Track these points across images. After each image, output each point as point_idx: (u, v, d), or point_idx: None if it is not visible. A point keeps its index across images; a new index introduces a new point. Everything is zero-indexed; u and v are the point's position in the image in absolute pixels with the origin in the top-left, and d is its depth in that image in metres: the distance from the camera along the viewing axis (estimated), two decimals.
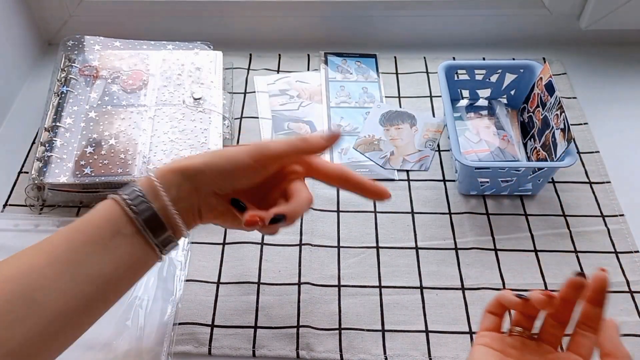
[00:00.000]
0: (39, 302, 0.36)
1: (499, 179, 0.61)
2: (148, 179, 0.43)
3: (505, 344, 0.41)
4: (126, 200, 0.41)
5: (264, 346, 0.52)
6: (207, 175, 0.43)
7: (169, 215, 0.42)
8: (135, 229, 0.41)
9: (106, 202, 0.42)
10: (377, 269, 0.58)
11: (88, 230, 0.40)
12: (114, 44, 0.73)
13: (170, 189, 0.42)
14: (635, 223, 0.62)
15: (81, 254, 0.39)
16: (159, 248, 0.42)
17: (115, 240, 0.40)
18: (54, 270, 0.38)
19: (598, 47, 0.81)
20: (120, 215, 0.41)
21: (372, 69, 0.78)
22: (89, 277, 0.39)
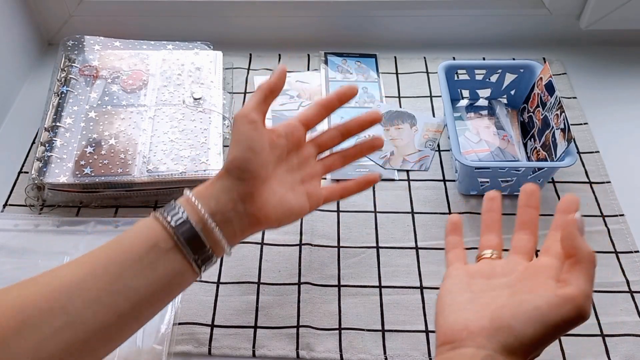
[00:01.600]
0: (75, 315, 0.36)
1: (499, 179, 0.61)
2: (186, 197, 0.43)
3: (472, 272, 0.42)
4: (164, 215, 0.41)
5: (264, 346, 0.52)
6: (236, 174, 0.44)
7: (208, 229, 0.42)
8: (172, 243, 0.41)
9: (146, 218, 0.42)
10: (377, 269, 0.58)
11: (126, 244, 0.40)
12: (114, 44, 0.73)
13: (210, 201, 0.43)
14: (635, 223, 0.62)
15: (118, 268, 0.39)
16: (196, 264, 0.42)
17: (151, 254, 0.40)
18: (92, 284, 0.38)
19: (598, 47, 0.81)
20: (158, 230, 0.41)
21: (372, 69, 0.78)
22: (124, 292, 0.39)
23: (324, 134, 0.53)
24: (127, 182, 0.60)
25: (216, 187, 0.44)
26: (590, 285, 0.35)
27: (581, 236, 0.36)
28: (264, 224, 0.46)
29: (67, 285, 0.37)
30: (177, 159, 0.62)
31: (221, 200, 0.43)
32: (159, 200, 0.63)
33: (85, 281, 0.38)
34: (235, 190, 0.43)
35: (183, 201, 0.43)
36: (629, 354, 0.52)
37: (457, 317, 0.37)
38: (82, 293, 0.37)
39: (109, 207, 0.62)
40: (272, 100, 0.48)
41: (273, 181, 0.46)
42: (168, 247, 0.40)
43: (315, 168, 0.51)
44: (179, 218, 0.41)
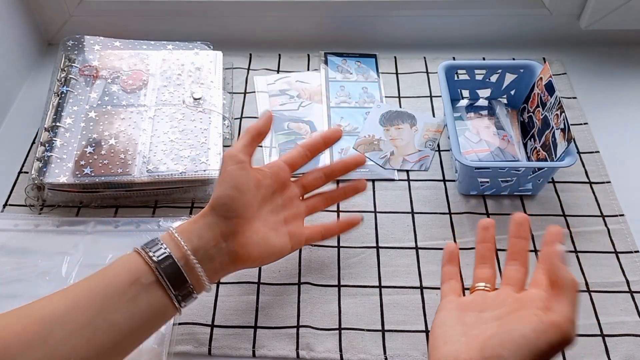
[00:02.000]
0: (55, 348, 0.37)
1: (499, 179, 0.61)
2: (169, 233, 0.44)
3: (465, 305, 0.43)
4: (146, 250, 0.42)
5: (264, 346, 0.52)
6: (220, 212, 0.45)
7: (189, 266, 0.43)
8: (154, 277, 0.41)
9: (129, 253, 0.43)
10: (377, 269, 0.58)
11: (108, 278, 0.41)
12: (114, 44, 0.73)
13: (192, 238, 0.44)
14: (635, 223, 0.62)
15: (99, 302, 0.40)
16: (177, 300, 0.42)
17: (132, 289, 0.40)
18: (74, 317, 0.38)
19: (598, 47, 0.81)
20: (140, 264, 0.42)
21: (372, 69, 0.78)
22: (104, 326, 0.39)
23: (309, 175, 0.55)
24: (127, 182, 0.60)
25: (199, 224, 0.45)
26: (573, 311, 0.36)
27: (563, 266, 0.37)
28: (246, 263, 0.47)
29: (49, 317, 0.38)
30: (177, 159, 0.62)
31: (204, 237, 0.44)
32: (159, 200, 0.63)
33: (67, 314, 0.38)
34: (219, 227, 0.45)
35: (166, 237, 0.44)
36: (629, 354, 0.52)
37: (448, 349, 0.38)
38: (64, 326, 0.38)
39: (109, 207, 0.62)
40: (260, 142, 0.51)
41: (257, 221, 0.48)
42: (149, 282, 0.41)
43: (299, 208, 0.53)
44: (162, 253, 0.42)
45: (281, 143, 0.69)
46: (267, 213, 0.50)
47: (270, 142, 0.69)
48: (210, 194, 0.62)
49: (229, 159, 0.47)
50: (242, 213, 0.46)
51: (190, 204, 0.63)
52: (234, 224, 0.45)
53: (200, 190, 0.62)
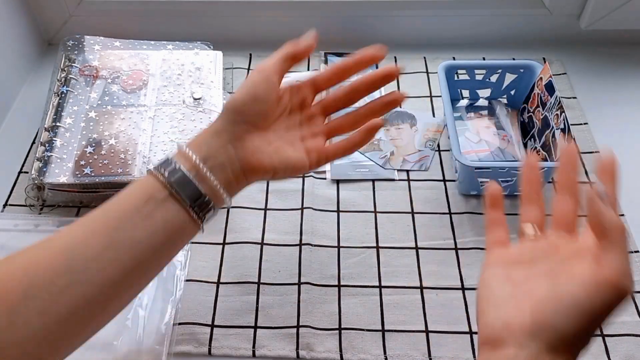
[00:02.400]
0: (79, 272, 0.37)
1: (499, 179, 0.61)
2: (180, 148, 0.43)
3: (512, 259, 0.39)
4: (158, 168, 0.41)
5: (264, 346, 0.52)
6: (230, 116, 0.44)
7: (201, 175, 0.42)
8: (167, 192, 0.40)
9: (143, 175, 0.42)
10: (377, 269, 0.58)
11: (123, 200, 0.41)
12: (114, 44, 0.73)
13: (201, 148, 0.43)
14: (635, 223, 0.62)
15: (116, 222, 0.39)
16: (195, 213, 0.41)
17: (148, 206, 0.40)
18: (93, 241, 0.38)
19: (598, 47, 0.81)
20: (153, 182, 0.41)
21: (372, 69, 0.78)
22: (125, 245, 0.39)
23: (330, 96, 0.50)
24: (127, 182, 0.60)
25: (208, 132, 0.44)
26: (624, 260, 0.32)
27: (606, 208, 0.33)
28: (258, 172, 0.45)
29: (69, 245, 0.38)
30: None
31: (212, 145, 0.43)
32: None
33: (86, 239, 0.38)
34: (225, 133, 0.43)
35: (177, 153, 0.43)
36: (629, 354, 0.52)
37: (497, 314, 0.35)
38: (84, 250, 0.38)
39: None
40: (294, 63, 0.48)
41: (270, 133, 0.46)
42: (163, 197, 0.40)
43: (319, 127, 0.49)
44: (172, 168, 0.41)
45: None
46: (284, 129, 0.47)
47: None
48: None
49: (256, 70, 0.46)
50: (254, 120, 0.44)
51: None
52: (242, 130, 0.44)
53: None
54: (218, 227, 0.61)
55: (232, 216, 0.62)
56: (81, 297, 0.36)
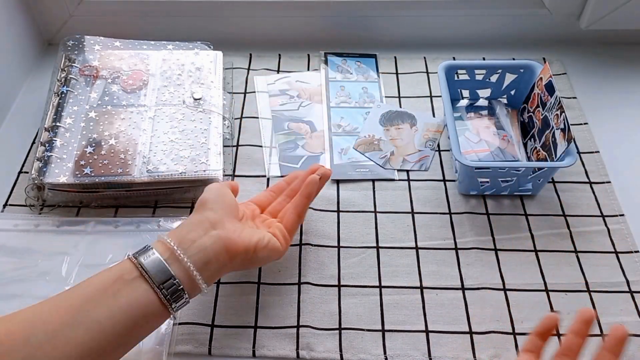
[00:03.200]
0: (36, 347, 0.37)
1: (499, 179, 0.61)
2: (159, 237, 0.45)
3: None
4: (135, 253, 0.43)
5: (264, 346, 0.52)
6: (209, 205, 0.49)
7: (175, 257, 0.43)
8: (137, 273, 0.41)
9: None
10: (377, 269, 0.58)
11: (94, 279, 0.41)
12: (114, 44, 0.73)
13: (179, 233, 0.45)
14: (635, 223, 0.62)
15: (81, 300, 0.39)
16: (164, 295, 0.42)
17: (115, 285, 0.40)
18: (54, 317, 0.38)
19: (598, 47, 0.81)
20: (127, 264, 0.42)
21: (372, 69, 0.78)
22: (86, 323, 0.38)
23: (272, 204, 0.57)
24: (127, 182, 0.60)
25: (186, 222, 0.47)
26: None
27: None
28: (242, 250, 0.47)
29: (31, 318, 0.38)
30: (177, 159, 0.62)
31: (194, 230, 0.45)
32: (159, 200, 0.63)
33: (49, 313, 0.38)
34: (207, 220, 0.47)
35: (156, 241, 0.45)
36: (629, 354, 0.52)
37: None
38: (45, 325, 0.38)
39: (109, 207, 0.62)
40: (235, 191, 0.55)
41: (240, 224, 0.50)
42: (132, 278, 0.41)
43: (272, 221, 0.54)
44: (147, 253, 0.43)
45: (281, 143, 0.69)
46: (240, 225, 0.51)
47: (271, 142, 0.69)
48: None
49: (212, 184, 0.53)
50: (225, 209, 0.49)
51: (190, 204, 0.63)
52: (221, 214, 0.48)
53: (200, 190, 0.62)
54: None
55: None
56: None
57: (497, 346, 0.52)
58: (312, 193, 0.55)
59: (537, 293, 0.56)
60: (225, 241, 0.46)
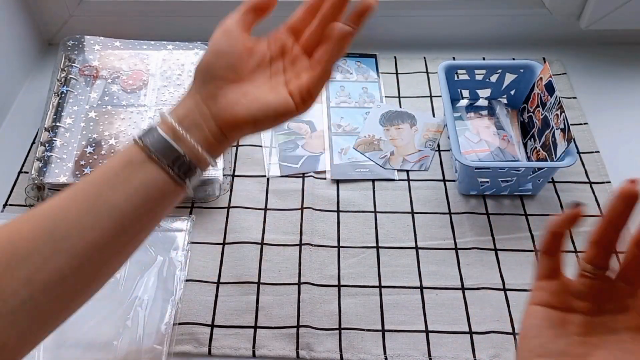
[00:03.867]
0: (61, 239, 0.37)
1: (499, 179, 0.61)
2: (161, 115, 0.43)
3: (568, 296, 0.34)
4: (140, 135, 0.41)
5: (264, 346, 0.52)
6: (199, 77, 0.44)
7: (178, 135, 0.41)
8: (145, 155, 0.40)
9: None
10: (377, 269, 0.58)
11: (104, 167, 0.41)
12: (114, 44, 0.73)
13: (178, 109, 0.43)
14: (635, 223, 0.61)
15: (95, 188, 0.39)
16: (176, 173, 0.41)
17: (126, 170, 0.40)
18: (72, 207, 0.38)
19: (598, 47, 0.81)
20: (133, 148, 0.41)
21: (372, 69, 0.78)
22: (103, 210, 0.38)
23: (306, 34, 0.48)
24: None
25: (184, 96, 0.44)
26: None
27: None
28: (238, 126, 0.44)
29: (51, 213, 0.38)
30: None
31: (187, 105, 0.43)
32: None
33: (66, 205, 0.38)
34: (199, 93, 0.43)
35: (159, 121, 0.43)
36: None
37: None
38: (65, 217, 0.37)
39: None
40: (259, 16, 0.47)
41: (247, 84, 0.45)
42: (141, 160, 0.40)
43: (303, 64, 0.47)
44: (151, 133, 0.41)
45: (281, 143, 0.69)
46: (266, 77, 0.46)
47: (270, 142, 0.69)
48: (210, 194, 0.63)
49: (217, 27, 0.45)
50: (223, 75, 0.44)
51: (190, 204, 0.63)
52: (213, 87, 0.43)
53: (201, 190, 0.62)
54: (218, 227, 0.61)
55: (232, 216, 0.62)
56: (66, 265, 0.36)
57: (497, 346, 0.52)
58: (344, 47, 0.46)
59: None
60: (217, 119, 0.43)
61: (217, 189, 0.63)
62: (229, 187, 0.64)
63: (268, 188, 0.65)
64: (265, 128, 0.45)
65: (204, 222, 0.61)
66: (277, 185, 0.65)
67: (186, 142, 0.42)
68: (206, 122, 0.43)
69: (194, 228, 0.60)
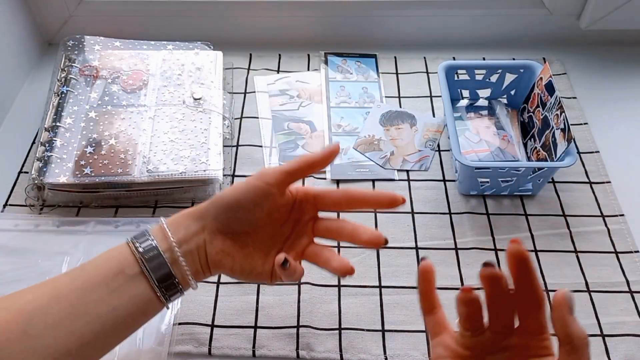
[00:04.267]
0: (35, 338, 0.36)
1: (499, 179, 0.61)
2: (159, 224, 0.43)
3: (459, 348, 0.38)
4: (134, 241, 0.41)
5: (264, 346, 0.52)
6: (213, 210, 0.43)
7: (174, 259, 0.42)
8: (139, 269, 0.41)
9: (119, 244, 0.42)
10: (377, 269, 0.58)
11: (93, 269, 0.41)
12: (114, 44, 0.73)
13: (179, 229, 0.43)
14: (635, 223, 0.62)
15: (81, 292, 0.39)
16: (162, 292, 0.41)
17: (117, 279, 0.40)
18: (55, 310, 0.38)
19: (598, 47, 0.81)
20: (126, 255, 0.41)
21: (372, 69, 0.78)
22: (86, 319, 0.38)
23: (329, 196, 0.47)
24: (127, 182, 0.60)
25: (190, 215, 0.44)
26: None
27: (573, 318, 0.32)
28: (219, 270, 0.45)
29: (29, 309, 0.37)
30: (177, 159, 0.62)
31: (190, 229, 0.43)
32: (159, 200, 0.63)
33: (48, 305, 0.38)
34: (204, 223, 0.44)
35: (156, 228, 0.43)
36: (629, 354, 0.52)
37: None
38: (45, 317, 0.37)
39: (109, 207, 0.62)
40: (311, 172, 0.46)
41: (247, 237, 0.45)
42: (134, 274, 0.40)
43: (301, 247, 0.47)
44: (148, 245, 0.41)
45: (281, 143, 0.69)
46: (268, 236, 0.46)
47: (271, 142, 0.69)
48: (210, 194, 0.63)
49: (255, 176, 0.44)
50: (238, 229, 0.44)
51: (190, 204, 0.63)
52: (218, 228, 0.44)
53: (200, 190, 0.62)
54: None
55: None
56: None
57: None
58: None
59: None
60: (210, 258, 0.44)
61: (217, 189, 0.63)
62: None
63: None
64: (238, 279, 0.46)
65: None
66: None
67: (180, 267, 0.42)
68: (199, 253, 0.43)
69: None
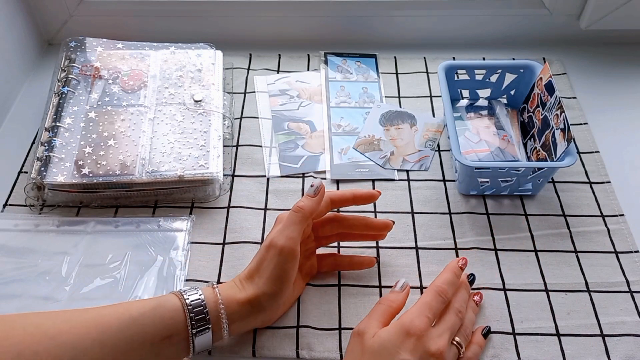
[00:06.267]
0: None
1: (499, 179, 0.61)
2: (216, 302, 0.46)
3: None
4: (190, 308, 0.44)
5: (264, 346, 0.52)
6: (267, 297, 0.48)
7: (220, 335, 0.46)
8: (185, 335, 0.43)
9: (171, 300, 0.44)
10: (377, 269, 0.58)
11: (144, 323, 0.42)
12: (116, 45, 0.73)
13: (234, 318, 0.46)
14: (635, 223, 0.62)
15: (126, 346, 0.41)
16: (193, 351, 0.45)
17: (163, 344, 0.42)
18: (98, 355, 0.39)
19: (598, 47, 0.81)
20: (180, 321, 0.43)
21: (372, 69, 0.78)
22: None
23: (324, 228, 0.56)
24: (127, 183, 0.60)
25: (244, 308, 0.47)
26: None
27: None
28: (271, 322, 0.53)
29: (71, 347, 0.39)
30: (177, 159, 0.62)
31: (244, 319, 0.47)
32: (159, 200, 0.63)
33: (92, 349, 0.39)
34: (258, 318, 0.49)
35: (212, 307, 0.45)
36: (629, 354, 0.52)
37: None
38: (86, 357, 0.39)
39: (109, 207, 0.62)
40: (310, 221, 0.52)
41: (291, 291, 0.52)
42: (177, 341, 0.43)
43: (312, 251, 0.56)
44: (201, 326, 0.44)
45: (281, 143, 0.69)
46: (298, 274, 0.53)
47: (270, 142, 0.69)
48: (210, 194, 0.63)
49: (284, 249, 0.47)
50: (280, 304, 0.50)
51: (190, 204, 0.63)
52: (272, 312, 0.50)
53: (200, 190, 0.62)
54: (218, 227, 0.61)
55: (232, 216, 0.62)
56: None
57: (497, 346, 0.52)
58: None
59: (537, 293, 0.56)
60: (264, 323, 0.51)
61: (217, 189, 0.63)
62: (229, 187, 0.64)
63: (268, 188, 0.65)
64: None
65: (204, 222, 0.61)
66: (277, 186, 0.65)
67: (222, 334, 0.46)
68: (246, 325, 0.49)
69: (194, 228, 0.60)
